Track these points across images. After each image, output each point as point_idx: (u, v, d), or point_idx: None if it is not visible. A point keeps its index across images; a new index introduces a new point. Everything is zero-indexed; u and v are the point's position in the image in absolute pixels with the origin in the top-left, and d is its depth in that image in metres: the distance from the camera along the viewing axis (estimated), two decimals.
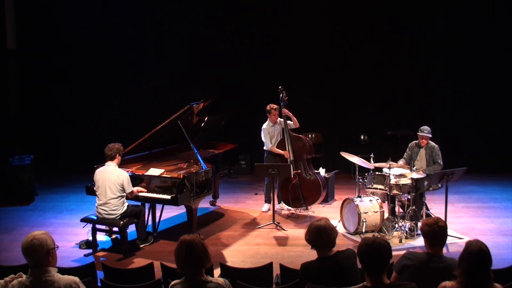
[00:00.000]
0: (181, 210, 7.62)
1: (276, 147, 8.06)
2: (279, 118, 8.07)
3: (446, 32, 10.37)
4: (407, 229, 6.85)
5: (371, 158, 7.25)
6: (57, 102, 10.90)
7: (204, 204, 8.18)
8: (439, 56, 10.49)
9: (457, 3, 10.25)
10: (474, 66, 10.33)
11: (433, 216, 6.34)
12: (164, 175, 6.72)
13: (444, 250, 4.58)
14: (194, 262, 3.47)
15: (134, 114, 10.44)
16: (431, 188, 7.28)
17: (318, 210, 8.24)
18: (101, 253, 6.64)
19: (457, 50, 10.35)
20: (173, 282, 3.56)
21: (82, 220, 6.71)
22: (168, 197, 6.56)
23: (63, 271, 3.60)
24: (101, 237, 6.88)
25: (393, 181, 6.95)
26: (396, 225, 6.97)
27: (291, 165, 7.68)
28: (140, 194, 6.66)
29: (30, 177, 9.11)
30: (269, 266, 4.87)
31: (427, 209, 7.18)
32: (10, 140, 10.35)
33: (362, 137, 10.73)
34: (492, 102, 10.38)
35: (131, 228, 6.70)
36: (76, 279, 3.48)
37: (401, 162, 7.52)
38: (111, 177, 6.42)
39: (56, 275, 3.43)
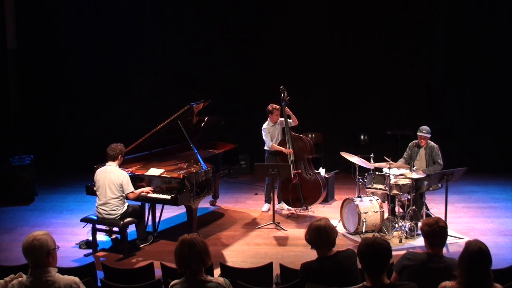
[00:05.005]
0: (181, 210, 7.61)
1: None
2: (280, 118, 8.07)
3: (446, 31, 10.36)
4: (407, 229, 6.85)
5: (371, 158, 7.25)
6: (57, 102, 10.89)
7: (204, 204, 8.17)
8: (439, 56, 10.49)
9: (458, 3, 10.26)
10: (474, 66, 10.32)
11: (433, 216, 6.35)
12: (164, 175, 6.72)
13: (444, 250, 4.58)
14: (196, 260, 3.47)
15: (134, 114, 10.43)
16: (431, 188, 7.28)
17: (318, 210, 8.24)
18: (101, 253, 6.64)
19: (458, 49, 10.35)
20: (173, 282, 3.56)
21: (82, 220, 6.71)
22: (168, 197, 6.55)
23: (63, 271, 3.60)
24: (101, 237, 6.88)
25: (393, 181, 6.95)
26: (396, 225, 6.98)
27: (291, 165, 7.69)
28: (140, 194, 6.64)
29: (30, 177, 9.10)
30: (269, 266, 4.87)
31: (427, 209, 7.18)
32: (10, 140, 10.35)
33: (362, 137, 10.73)
34: (492, 102, 10.37)
35: (131, 228, 6.70)
36: (76, 279, 3.48)
37: (400, 162, 7.51)
38: (111, 177, 6.42)
39: (56, 275, 3.43)
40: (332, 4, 10.52)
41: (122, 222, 6.41)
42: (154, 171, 6.80)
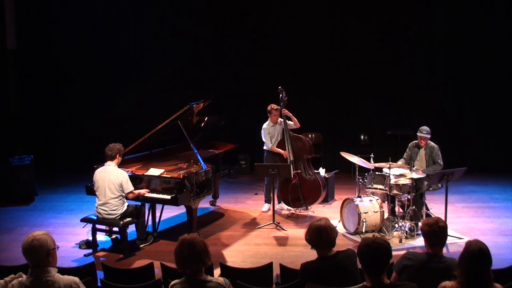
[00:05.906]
0: (181, 210, 7.61)
1: (276, 147, 8.06)
2: (279, 118, 8.07)
3: (446, 31, 10.36)
4: (407, 229, 6.85)
5: (371, 158, 7.25)
6: (57, 102, 10.90)
7: (204, 204, 8.17)
8: (440, 55, 10.48)
9: (458, 3, 10.26)
10: (474, 66, 10.32)
11: (433, 216, 6.35)
12: (164, 175, 6.72)
13: (444, 250, 4.58)
14: (196, 260, 3.47)
15: (134, 114, 10.44)
16: (431, 188, 7.28)
17: (318, 210, 8.24)
18: (101, 253, 6.64)
19: (458, 50, 10.34)
20: (173, 282, 3.56)
21: (82, 220, 6.72)
22: (168, 197, 6.55)
23: (63, 271, 3.60)
24: (101, 237, 6.88)
25: (393, 181, 6.95)
26: (396, 225, 6.97)
27: (291, 165, 7.68)
28: (138, 194, 6.64)
29: (30, 177, 9.10)
30: (269, 266, 4.87)
31: (427, 209, 7.18)
32: (10, 140, 10.35)
33: (362, 137, 10.73)
34: (492, 102, 10.37)
35: (131, 228, 6.70)
36: (76, 279, 3.48)
37: (400, 162, 7.52)
38: (111, 177, 6.42)
39: (56, 275, 3.43)
40: (332, 4, 10.52)
41: (122, 222, 6.41)
42: (154, 171, 6.80)
